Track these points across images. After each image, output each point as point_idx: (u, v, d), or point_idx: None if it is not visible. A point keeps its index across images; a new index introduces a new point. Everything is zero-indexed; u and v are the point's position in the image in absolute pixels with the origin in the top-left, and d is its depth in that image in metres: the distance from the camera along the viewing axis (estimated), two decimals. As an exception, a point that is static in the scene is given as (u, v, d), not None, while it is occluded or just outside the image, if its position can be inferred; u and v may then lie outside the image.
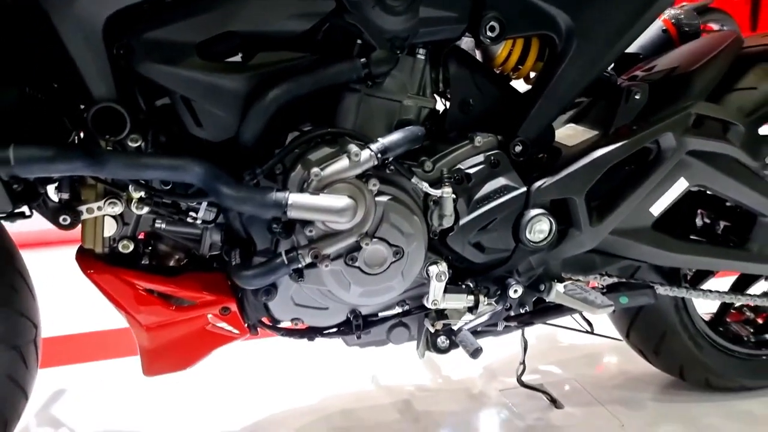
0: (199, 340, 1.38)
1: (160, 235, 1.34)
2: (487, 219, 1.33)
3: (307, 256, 1.19)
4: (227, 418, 1.75)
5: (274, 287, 1.30)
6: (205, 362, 1.44)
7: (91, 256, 1.33)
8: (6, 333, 1.30)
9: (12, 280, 1.31)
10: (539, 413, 1.78)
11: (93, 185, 1.25)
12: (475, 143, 1.33)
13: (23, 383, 1.36)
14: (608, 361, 2.05)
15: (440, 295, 1.32)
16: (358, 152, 1.18)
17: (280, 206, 1.14)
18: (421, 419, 1.76)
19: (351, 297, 1.27)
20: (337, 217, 1.17)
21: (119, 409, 1.81)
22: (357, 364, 2.00)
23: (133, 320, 1.32)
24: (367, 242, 1.21)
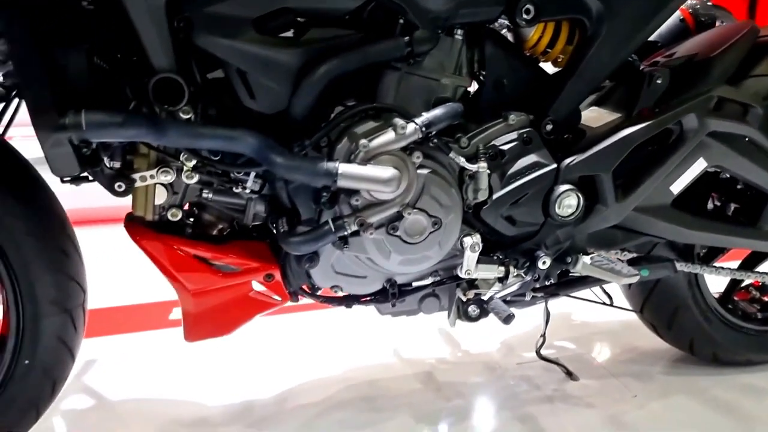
0: (241, 307, 1.44)
1: (206, 204, 1.40)
2: (519, 194, 1.40)
3: (352, 224, 1.25)
4: (255, 388, 1.82)
5: (316, 255, 1.36)
6: (237, 332, 1.50)
7: (139, 223, 1.39)
8: (58, 296, 1.36)
9: (64, 245, 1.36)
10: (556, 385, 1.86)
11: (145, 154, 1.30)
12: (508, 121, 1.40)
13: (71, 346, 1.42)
14: (619, 337, 2.12)
15: (473, 265, 1.39)
16: (404, 125, 1.25)
17: (330, 175, 1.20)
18: (442, 389, 1.83)
19: (390, 265, 1.34)
20: (383, 187, 1.23)
21: (148, 379, 1.87)
22: (380, 338, 2.07)
23: (179, 285, 1.38)
24: (408, 212, 1.28)
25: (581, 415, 1.72)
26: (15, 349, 1.36)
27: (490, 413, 1.73)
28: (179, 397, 1.79)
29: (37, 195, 1.34)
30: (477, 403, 1.77)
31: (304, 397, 1.80)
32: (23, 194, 1.32)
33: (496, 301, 1.43)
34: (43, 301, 1.34)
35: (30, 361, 1.37)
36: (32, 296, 1.33)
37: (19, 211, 1.30)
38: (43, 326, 1.35)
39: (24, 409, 1.40)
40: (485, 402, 1.78)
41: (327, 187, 1.24)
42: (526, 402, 1.78)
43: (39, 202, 1.34)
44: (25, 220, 1.30)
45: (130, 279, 2.44)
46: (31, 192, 1.33)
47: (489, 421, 1.70)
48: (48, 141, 1.09)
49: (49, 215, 1.35)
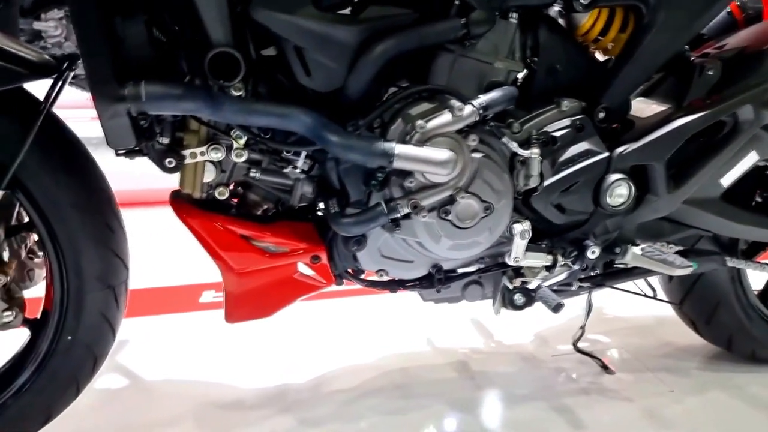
0: (285, 288, 1.43)
1: (252, 184, 1.39)
2: (570, 181, 1.38)
3: (405, 206, 1.24)
4: (289, 372, 1.81)
5: (364, 238, 1.34)
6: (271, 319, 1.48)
7: (185, 201, 1.38)
8: (103, 272, 1.35)
9: (109, 220, 1.35)
10: (591, 378, 1.84)
11: (196, 131, 1.29)
12: (561, 108, 1.38)
13: (113, 323, 1.41)
14: (652, 332, 2.10)
15: (522, 252, 1.37)
16: (462, 107, 1.23)
17: (386, 156, 1.19)
18: (476, 378, 1.82)
19: (440, 249, 1.32)
20: (438, 169, 1.21)
21: (180, 361, 1.86)
22: (413, 326, 2.06)
23: (224, 265, 1.37)
24: (462, 196, 1.26)
25: (618, 409, 1.70)
26: (58, 324, 1.34)
27: (525, 404, 1.71)
28: (212, 379, 1.78)
29: (85, 169, 1.33)
30: (511, 393, 1.75)
31: (338, 382, 1.79)
32: (72, 167, 1.30)
33: (545, 289, 1.41)
34: (88, 276, 1.33)
35: (72, 337, 1.35)
36: (77, 271, 1.32)
37: (67, 184, 1.29)
38: (87, 302, 1.34)
39: (65, 384, 1.39)
40: (520, 393, 1.76)
41: (381, 168, 1.23)
42: (561, 394, 1.76)
43: (87, 176, 1.33)
44: (72, 193, 1.29)
45: (159, 261, 2.43)
46: (79, 165, 1.32)
47: (524, 412, 1.68)
48: (107, 112, 1.08)
49: (96, 190, 1.34)
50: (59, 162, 1.28)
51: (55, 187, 1.27)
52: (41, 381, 1.36)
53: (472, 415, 1.66)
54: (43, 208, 1.27)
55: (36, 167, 1.25)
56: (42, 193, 1.26)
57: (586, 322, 1.82)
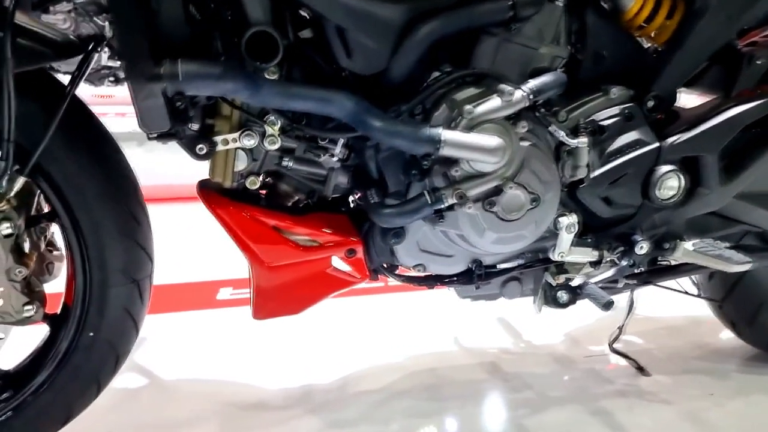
0: (317, 284, 1.36)
1: (284, 174, 1.32)
2: (618, 173, 1.31)
3: (450, 196, 1.17)
4: (314, 372, 1.74)
5: (403, 230, 1.28)
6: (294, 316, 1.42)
7: (213, 190, 1.31)
8: (127, 265, 1.28)
9: (135, 211, 1.28)
10: (627, 380, 1.77)
11: (227, 116, 1.22)
12: (610, 95, 1.31)
13: (137, 319, 1.34)
14: (686, 332, 2.03)
15: (567, 247, 1.30)
16: (512, 91, 1.16)
17: (433, 142, 1.12)
18: (509, 379, 1.75)
19: (483, 243, 1.25)
20: (487, 157, 1.14)
21: (200, 359, 1.80)
22: (439, 325, 2.00)
23: (254, 258, 1.30)
24: (511, 186, 1.19)
25: (658, 412, 1.63)
26: (80, 320, 1.28)
27: (561, 407, 1.64)
28: (233, 379, 1.72)
29: (110, 156, 1.26)
30: (547, 395, 1.68)
31: (365, 383, 1.72)
32: (97, 154, 1.24)
33: (592, 286, 1.34)
34: (112, 270, 1.26)
35: (95, 333, 1.29)
36: (101, 263, 1.25)
37: (92, 171, 1.22)
38: (111, 296, 1.27)
39: (86, 383, 1.32)
40: (555, 395, 1.69)
41: (426, 156, 1.16)
42: (598, 396, 1.69)
43: (112, 164, 1.26)
44: (97, 181, 1.22)
45: (176, 257, 2.36)
46: (104, 152, 1.25)
47: (562, 415, 1.61)
48: (142, 91, 1.01)
49: (121, 178, 1.27)
50: (84, 148, 1.22)
51: (80, 175, 1.21)
52: (61, 379, 1.29)
53: (507, 418, 1.59)
54: (67, 196, 1.20)
55: (60, 154, 1.19)
56: (66, 180, 1.20)
57: (627, 322, 1.74)
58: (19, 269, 1.17)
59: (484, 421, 1.58)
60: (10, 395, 1.26)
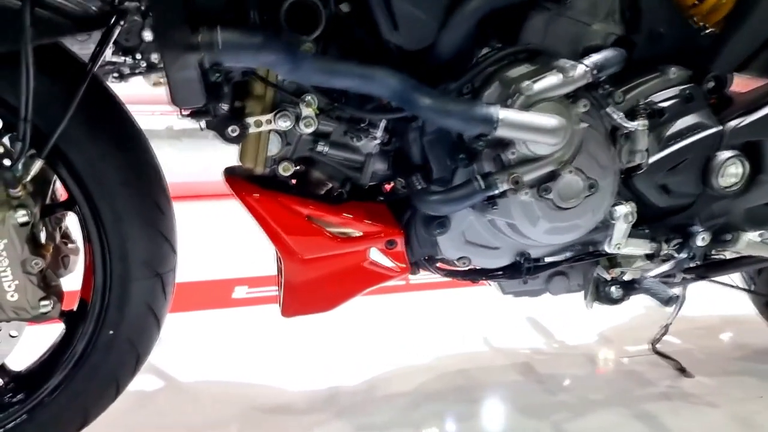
0: (353, 278, 1.26)
1: (317, 160, 1.22)
2: (677, 159, 1.23)
3: (504, 182, 1.08)
4: (339, 374, 1.65)
5: (448, 220, 1.19)
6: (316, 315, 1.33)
7: (241, 177, 1.22)
8: (151, 257, 1.18)
9: (159, 199, 1.19)
10: (670, 381, 1.68)
11: (260, 96, 1.13)
12: (668, 75, 1.23)
13: (160, 316, 1.25)
14: (726, 332, 1.95)
15: (623, 238, 1.21)
16: (574, 66, 1.07)
17: (489, 122, 1.03)
18: (544, 381, 1.66)
19: (536, 233, 1.16)
20: (548, 138, 1.05)
21: (218, 360, 1.71)
22: (466, 325, 1.91)
23: (287, 250, 1.21)
24: (570, 170, 1.10)
25: (705, 415, 1.55)
26: (99, 317, 1.18)
27: (603, 410, 1.55)
28: (255, 381, 1.62)
29: (132, 139, 1.17)
30: (586, 398, 1.59)
31: (393, 385, 1.63)
32: (119, 137, 1.14)
33: (651, 280, 1.25)
34: (134, 262, 1.16)
35: (114, 331, 1.19)
36: (122, 256, 1.15)
37: (113, 156, 1.12)
38: (132, 291, 1.18)
39: (104, 385, 1.23)
40: (595, 398, 1.60)
41: (480, 137, 1.07)
42: (640, 399, 1.60)
43: (135, 148, 1.17)
44: (119, 166, 1.13)
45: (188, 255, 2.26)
46: (126, 135, 1.16)
47: (604, 419, 1.52)
48: (176, 62, 0.92)
49: (144, 164, 1.18)
50: (105, 131, 1.12)
51: (101, 160, 1.11)
52: (78, 381, 1.20)
53: (546, 423, 1.50)
54: (87, 183, 1.11)
55: (80, 136, 1.09)
56: (86, 165, 1.10)
57: (671, 320, 1.65)
58: (36, 261, 1.07)
59: (522, 425, 1.49)
60: (23, 397, 1.17)
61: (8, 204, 1.02)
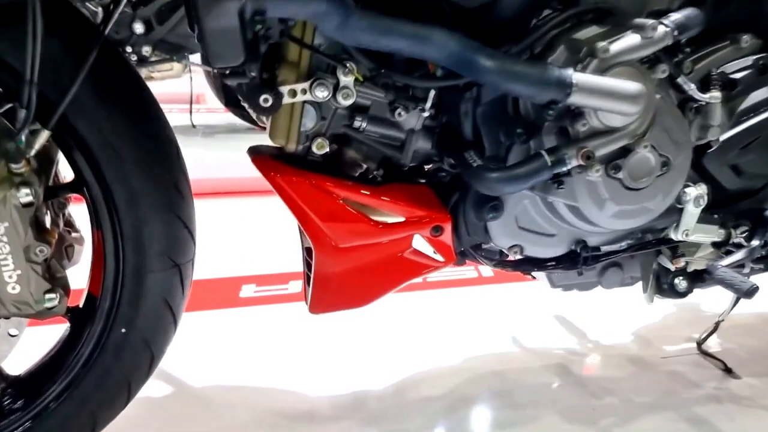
0: (391, 269, 1.14)
1: (351, 137, 1.10)
2: (751, 136, 1.12)
3: (575, 157, 0.96)
4: (364, 377, 1.52)
5: (501, 203, 1.06)
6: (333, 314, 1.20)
7: (270, 156, 1.09)
8: (169, 246, 1.05)
9: (178, 179, 1.06)
10: (716, 382, 1.57)
11: (295, 62, 1.00)
12: (740, 44, 1.11)
13: (177, 312, 1.12)
14: (764, 331, 1.84)
15: (693, 224, 1.10)
16: (655, 26, 0.95)
17: (563, 86, 0.91)
18: (585, 384, 1.54)
19: (601, 218, 1.05)
20: (627, 106, 0.94)
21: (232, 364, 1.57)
22: (491, 324, 1.79)
23: (321, 238, 1.08)
24: (645, 145, 0.98)
25: (762, 419, 1.43)
26: (110, 313, 1.05)
27: (652, 414, 1.44)
28: (273, 386, 1.49)
29: (149, 113, 1.04)
30: (632, 401, 1.48)
31: (424, 388, 1.50)
32: (134, 110, 1.01)
33: (724, 270, 1.13)
34: (151, 252, 1.03)
35: (127, 329, 1.06)
36: (138, 244, 1.02)
37: (129, 130, 0.99)
38: (148, 284, 1.05)
39: (115, 389, 1.09)
40: (642, 401, 1.48)
41: (551, 104, 0.94)
42: (689, 402, 1.49)
43: (152, 123, 1.04)
44: (135, 142, 1.00)
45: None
46: (142, 108, 1.03)
47: (655, 424, 1.40)
48: (213, 10, 0.79)
49: (162, 140, 1.05)
50: (119, 101, 0.99)
51: (115, 134, 0.98)
52: (86, 385, 1.06)
53: (595, 429, 1.38)
54: (98, 159, 0.97)
55: (91, 106, 0.96)
56: (98, 140, 0.97)
57: (724, 317, 1.54)
58: (41, 247, 0.93)
59: None
60: (25, 403, 1.03)
61: (10, 181, 0.89)
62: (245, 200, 2.69)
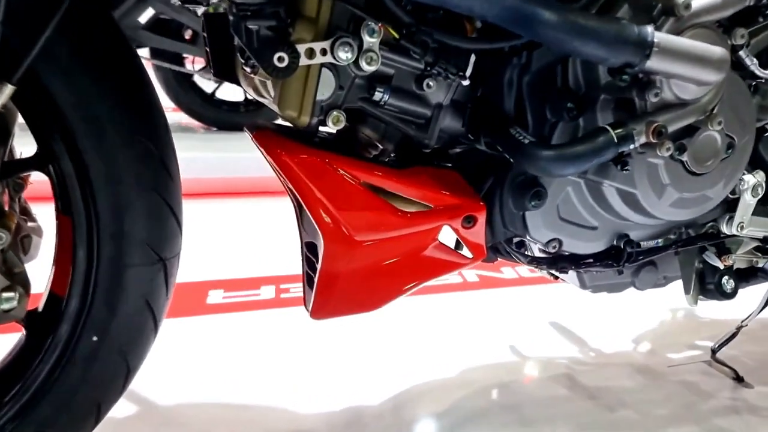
0: (412, 267, 0.98)
1: (368, 113, 0.94)
2: (807, 120, 1.01)
3: (644, 133, 0.83)
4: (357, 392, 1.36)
5: (545, 190, 0.93)
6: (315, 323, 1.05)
7: (274, 132, 0.92)
8: (154, 236, 0.87)
9: (166, 155, 0.88)
10: (729, 392, 1.48)
11: (312, 18, 0.84)
12: (794, 19, 1.01)
13: (158, 315, 0.93)
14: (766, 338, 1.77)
15: (749, 216, 0.99)
16: (739, -17, 0.83)
17: (643, 46, 0.77)
18: (598, 396, 1.42)
19: (659, 207, 0.93)
20: (709, 75, 0.81)
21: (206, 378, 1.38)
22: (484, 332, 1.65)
23: (335, 230, 0.91)
24: (719, 121, 0.86)
25: (785, 431, 1.34)
26: (78, 318, 0.86)
27: (673, 428, 1.32)
28: (257, 403, 1.31)
29: (133, 77, 0.86)
30: (650, 414, 1.36)
31: (426, 404, 1.35)
32: (116, 70, 0.83)
33: (781, 266, 1.03)
34: (132, 242, 0.85)
35: (100, 338, 0.87)
36: (117, 231, 0.84)
37: (109, 92, 0.81)
38: (127, 281, 0.87)
39: (82, 410, 0.90)
40: (660, 413, 1.37)
41: (624, 68, 0.81)
42: (708, 414, 1.38)
43: (136, 89, 0.86)
44: (117, 108, 0.82)
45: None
46: (125, 70, 0.85)
47: (677, 438, 1.29)
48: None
49: (148, 110, 0.87)
50: (100, 58, 0.81)
51: (93, 96, 0.80)
52: (46, 407, 0.87)
53: (618, 445, 1.25)
54: (73, 126, 0.79)
55: (66, 62, 0.78)
56: (73, 102, 0.78)
57: (746, 323, 1.45)
58: None
59: (592, 449, 1.24)
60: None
61: (-39, 147, 0.70)
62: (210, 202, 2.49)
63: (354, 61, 0.86)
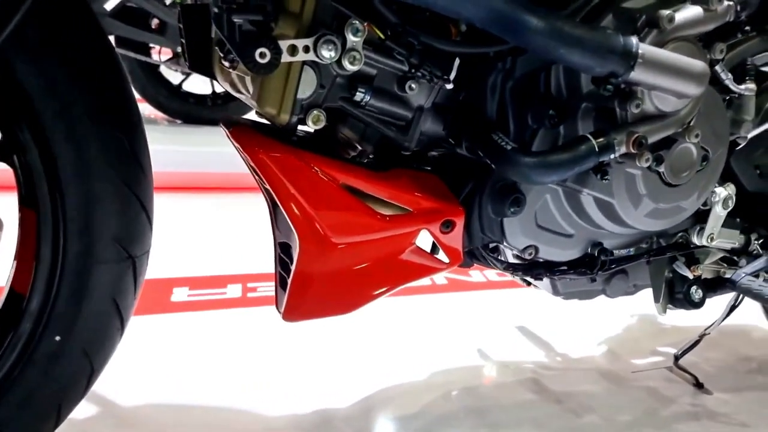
0: (388, 271, 0.97)
1: (347, 114, 0.93)
2: (778, 134, 1.03)
3: (624, 143, 0.83)
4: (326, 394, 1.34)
5: (523, 197, 0.92)
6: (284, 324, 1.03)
7: (251, 129, 0.90)
8: (124, 231, 0.84)
9: (138, 151, 0.85)
10: (690, 399, 1.50)
11: (296, 13, 0.82)
12: None
13: (125, 316, 0.91)
14: (724, 344, 1.80)
15: (718, 228, 1.00)
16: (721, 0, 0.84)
17: (628, 56, 0.78)
18: (563, 401, 1.43)
19: (634, 216, 0.93)
20: (689, 87, 0.82)
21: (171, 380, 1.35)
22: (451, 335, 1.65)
23: (311, 231, 0.90)
24: (696, 134, 0.87)
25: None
26: (41, 317, 0.83)
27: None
28: (222, 405, 1.28)
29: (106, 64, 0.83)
30: (615, 420, 1.37)
31: (395, 407, 1.34)
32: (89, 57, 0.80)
33: (749, 278, 1.04)
34: (101, 237, 0.82)
35: (63, 337, 0.84)
36: (85, 226, 0.81)
37: (81, 80, 0.78)
38: (94, 278, 0.83)
39: (40, 415, 0.87)
40: (624, 419, 1.38)
41: (609, 77, 0.81)
42: (669, 420, 1.40)
43: (109, 77, 0.83)
44: (88, 97, 0.79)
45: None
46: (98, 57, 0.82)
47: (641, 444, 1.31)
48: None
49: (122, 100, 0.84)
50: (71, 44, 0.78)
51: (64, 83, 0.77)
52: (4, 406, 0.83)
53: (584, 450, 1.26)
54: (40, 111, 0.76)
55: (36, 44, 0.74)
56: (40, 83, 0.75)
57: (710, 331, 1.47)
58: (-41, 226, 0.71)
59: (557, 454, 1.25)
60: None
61: None
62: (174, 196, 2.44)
63: (337, 60, 0.84)
